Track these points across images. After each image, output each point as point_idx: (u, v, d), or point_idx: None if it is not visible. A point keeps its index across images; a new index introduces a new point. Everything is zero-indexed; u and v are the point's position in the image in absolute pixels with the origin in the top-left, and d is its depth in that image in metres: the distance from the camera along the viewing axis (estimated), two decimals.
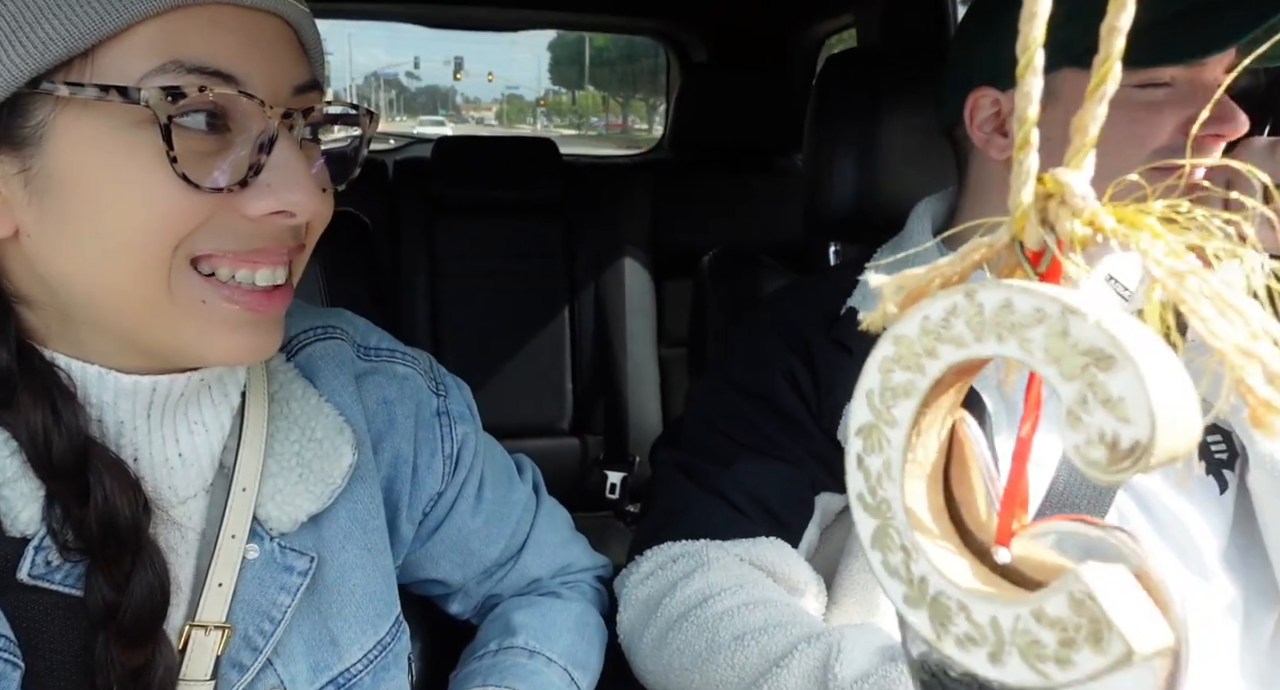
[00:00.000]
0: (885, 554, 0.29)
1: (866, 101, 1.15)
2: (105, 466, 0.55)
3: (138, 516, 0.56)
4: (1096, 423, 0.22)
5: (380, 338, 0.78)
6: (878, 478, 0.29)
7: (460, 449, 0.79)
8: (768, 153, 2.36)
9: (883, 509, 0.29)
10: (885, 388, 0.28)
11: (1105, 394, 0.22)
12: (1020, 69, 0.25)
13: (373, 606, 0.70)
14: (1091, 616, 0.24)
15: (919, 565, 0.28)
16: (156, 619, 0.56)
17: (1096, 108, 0.25)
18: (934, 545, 0.28)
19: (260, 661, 0.62)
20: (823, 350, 0.90)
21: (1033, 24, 0.25)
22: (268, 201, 0.53)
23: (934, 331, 0.26)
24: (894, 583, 0.29)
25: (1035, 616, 0.25)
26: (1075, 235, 0.25)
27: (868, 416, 0.29)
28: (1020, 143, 0.26)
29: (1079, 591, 0.24)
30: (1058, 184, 0.25)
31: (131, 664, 0.56)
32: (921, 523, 0.29)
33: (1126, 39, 0.24)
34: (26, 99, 0.50)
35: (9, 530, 0.54)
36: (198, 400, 0.61)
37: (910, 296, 0.29)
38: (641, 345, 2.24)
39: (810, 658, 0.71)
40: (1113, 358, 0.22)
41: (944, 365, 0.26)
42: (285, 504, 0.64)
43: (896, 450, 0.28)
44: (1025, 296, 0.24)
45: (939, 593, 0.27)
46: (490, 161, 2.27)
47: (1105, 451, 0.22)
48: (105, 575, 0.55)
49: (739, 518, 0.86)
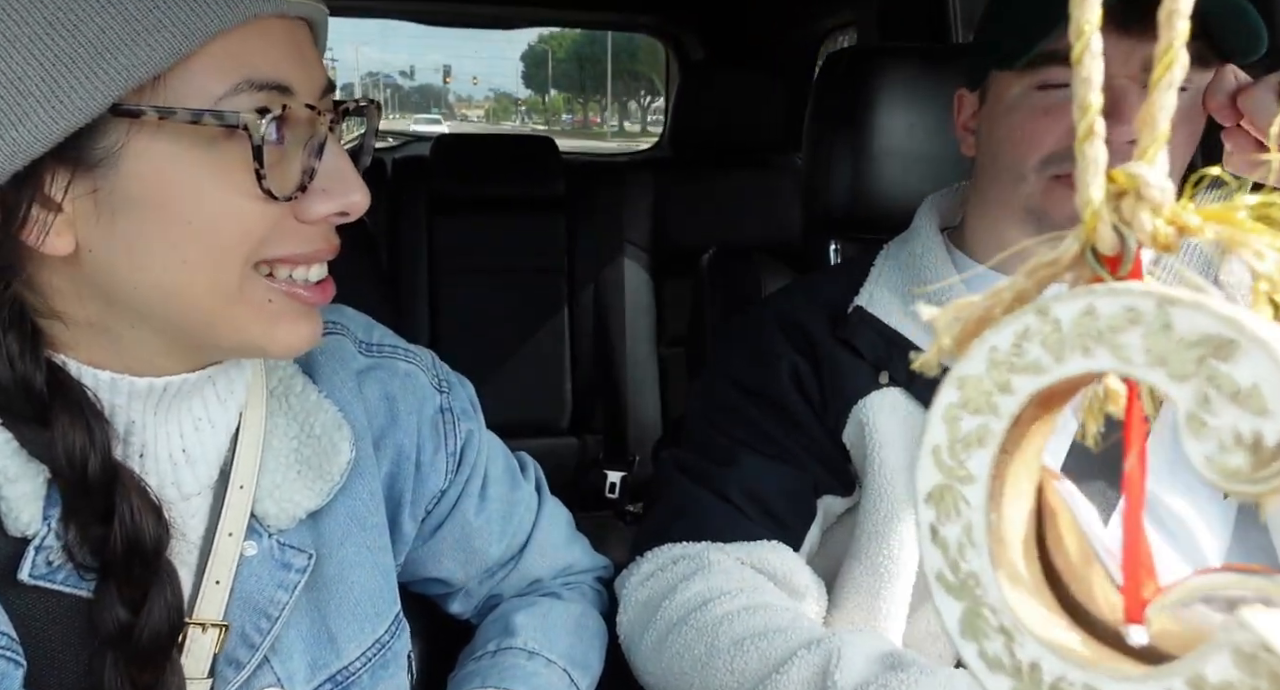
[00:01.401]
0: (980, 642, 0.24)
1: (866, 99, 1.15)
2: (132, 487, 0.56)
3: (160, 537, 0.57)
4: (1228, 423, 0.19)
5: (382, 334, 0.78)
6: (959, 548, 0.24)
7: (464, 446, 0.79)
8: (767, 151, 2.36)
9: (969, 586, 0.24)
10: (954, 440, 0.23)
11: (1233, 386, 0.19)
12: (1076, 53, 0.23)
13: (372, 604, 0.69)
14: (1271, 672, 0.19)
15: (1026, 649, 0.23)
16: (171, 640, 0.57)
17: (1164, 98, 0.22)
18: (1042, 621, 0.23)
19: (257, 659, 0.62)
20: (828, 349, 0.89)
21: (1085, 6, 0.22)
22: (328, 205, 0.56)
23: (1005, 362, 0.22)
24: (997, 678, 0.23)
25: (1193, 686, 0.20)
26: (1159, 233, 0.22)
27: (938, 477, 0.24)
28: (1084, 133, 0.23)
29: (1248, 642, 0.19)
30: (1131, 178, 0.22)
31: (143, 684, 0.56)
32: (1022, 596, 0.24)
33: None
34: (102, 121, 0.50)
35: (10, 530, 0.54)
36: (202, 396, 0.61)
37: (968, 329, 0.24)
38: (641, 344, 2.24)
39: (810, 664, 0.71)
40: (1234, 342, 0.19)
41: (1022, 399, 0.22)
42: (283, 501, 0.64)
43: (978, 512, 0.24)
44: (1110, 298, 0.21)
45: (1058, 679, 0.22)
46: (490, 160, 2.27)
47: (1246, 455, 0.19)
48: (121, 594, 0.55)
49: (740, 519, 0.85)
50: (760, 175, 2.33)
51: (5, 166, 0.49)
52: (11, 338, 0.54)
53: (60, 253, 0.53)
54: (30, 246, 0.52)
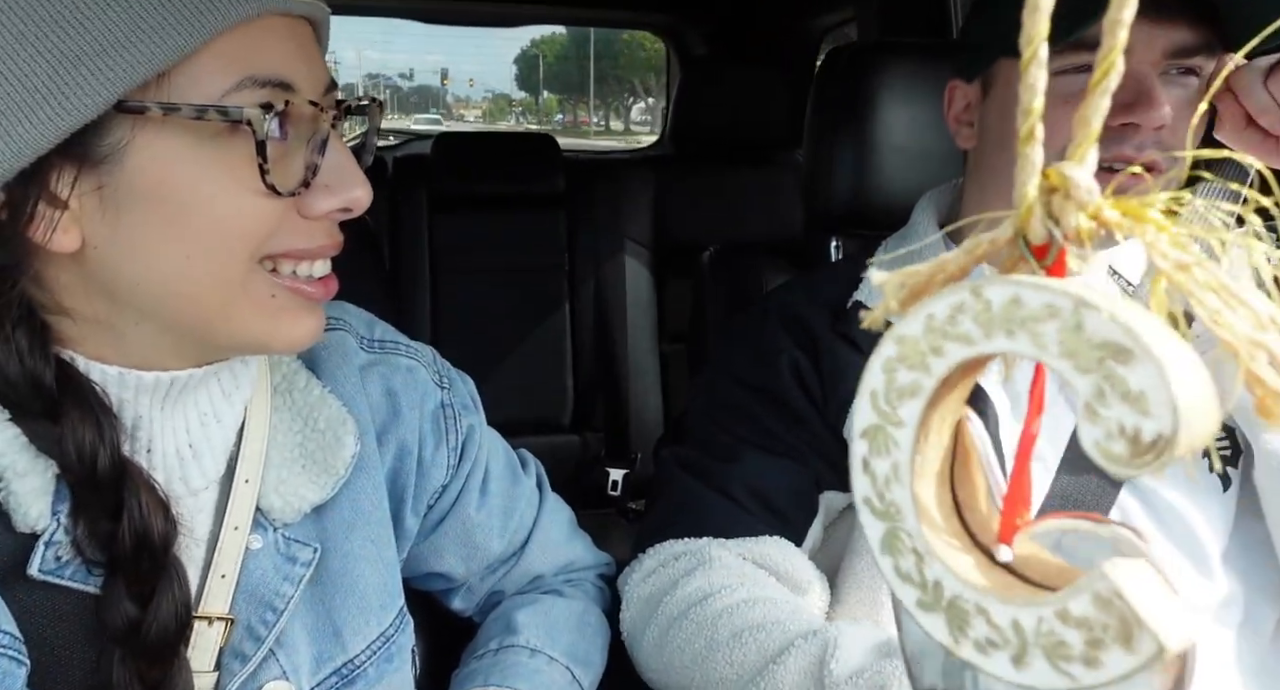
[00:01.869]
0: (896, 559, 0.28)
1: (867, 95, 1.15)
2: (141, 483, 0.56)
3: (169, 533, 0.57)
4: (1116, 416, 0.22)
5: (384, 330, 0.78)
6: (885, 481, 0.28)
7: (465, 441, 0.79)
8: (768, 147, 2.36)
9: (891, 513, 0.28)
10: (890, 388, 0.27)
11: (1124, 388, 0.22)
12: (1024, 61, 0.25)
13: (376, 597, 0.70)
14: (1120, 615, 0.23)
15: (932, 569, 0.27)
16: (179, 636, 0.57)
17: (1099, 101, 0.24)
18: (948, 548, 0.27)
19: (263, 652, 0.62)
20: (828, 345, 0.90)
21: (1035, 16, 0.25)
22: (330, 201, 0.57)
23: (940, 330, 0.25)
24: (907, 588, 0.28)
25: (1060, 617, 0.24)
26: (1081, 229, 0.24)
27: (873, 418, 0.28)
28: (1025, 136, 0.25)
29: (1105, 589, 0.23)
30: (1062, 178, 0.25)
31: (151, 681, 0.56)
32: (933, 525, 0.28)
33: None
34: (106, 118, 0.51)
35: (18, 526, 0.55)
36: (207, 391, 0.62)
37: (913, 293, 0.28)
38: (642, 341, 2.24)
39: (807, 654, 0.71)
40: (1130, 351, 0.22)
41: (951, 364, 0.26)
42: (289, 494, 0.64)
43: (904, 452, 0.27)
44: (1036, 291, 0.23)
45: (956, 596, 0.26)
46: (490, 157, 2.27)
47: (1126, 445, 0.22)
48: (129, 590, 0.55)
49: (742, 515, 0.86)
50: (761, 172, 2.33)
51: (12, 163, 0.50)
52: (20, 334, 0.54)
53: (66, 249, 0.53)
54: (37, 243, 0.52)
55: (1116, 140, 0.74)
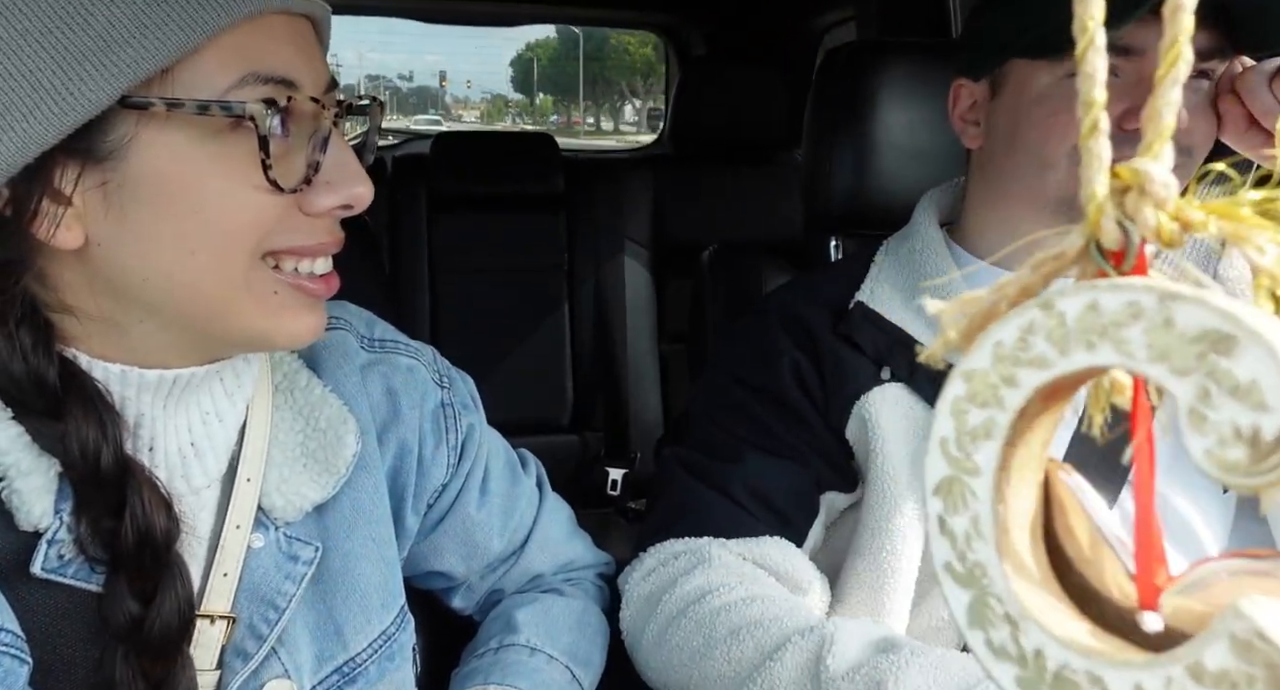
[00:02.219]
0: (987, 631, 0.24)
1: (866, 95, 1.15)
2: (143, 481, 0.57)
3: (171, 531, 0.57)
4: (1227, 417, 0.19)
5: (384, 329, 0.79)
6: (966, 539, 0.24)
7: (465, 440, 0.79)
8: (768, 147, 2.36)
9: (976, 575, 0.24)
10: (961, 432, 0.24)
11: (1232, 381, 0.19)
12: (1080, 49, 0.23)
13: (378, 596, 0.70)
14: (1267, 660, 0.19)
15: (1030, 637, 0.23)
16: (182, 633, 0.57)
17: (1169, 93, 0.22)
18: (1047, 610, 0.24)
19: (265, 650, 0.63)
20: (829, 345, 0.90)
21: (1087, 4, 0.23)
22: (331, 197, 0.57)
23: (1010, 357, 0.22)
24: (1003, 665, 0.24)
25: (1193, 674, 0.20)
26: (1163, 228, 0.22)
27: (945, 470, 0.24)
28: (1088, 129, 0.23)
29: (1244, 631, 0.20)
30: (1135, 174, 0.22)
31: (154, 678, 0.56)
32: (1029, 583, 0.24)
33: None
34: (110, 114, 0.51)
35: (21, 524, 0.55)
36: (209, 390, 0.62)
37: (975, 323, 0.25)
38: (642, 341, 2.24)
39: (803, 650, 0.71)
40: (1234, 337, 0.19)
41: (1027, 393, 0.23)
42: (290, 493, 0.64)
43: (984, 503, 0.24)
44: (1113, 294, 0.21)
45: (1062, 667, 0.23)
46: (490, 157, 2.27)
47: (1245, 449, 0.19)
48: (131, 587, 0.56)
49: (742, 515, 0.86)
50: (761, 171, 2.33)
51: (15, 159, 0.50)
52: (24, 332, 0.54)
53: (70, 246, 0.53)
54: (40, 240, 0.53)
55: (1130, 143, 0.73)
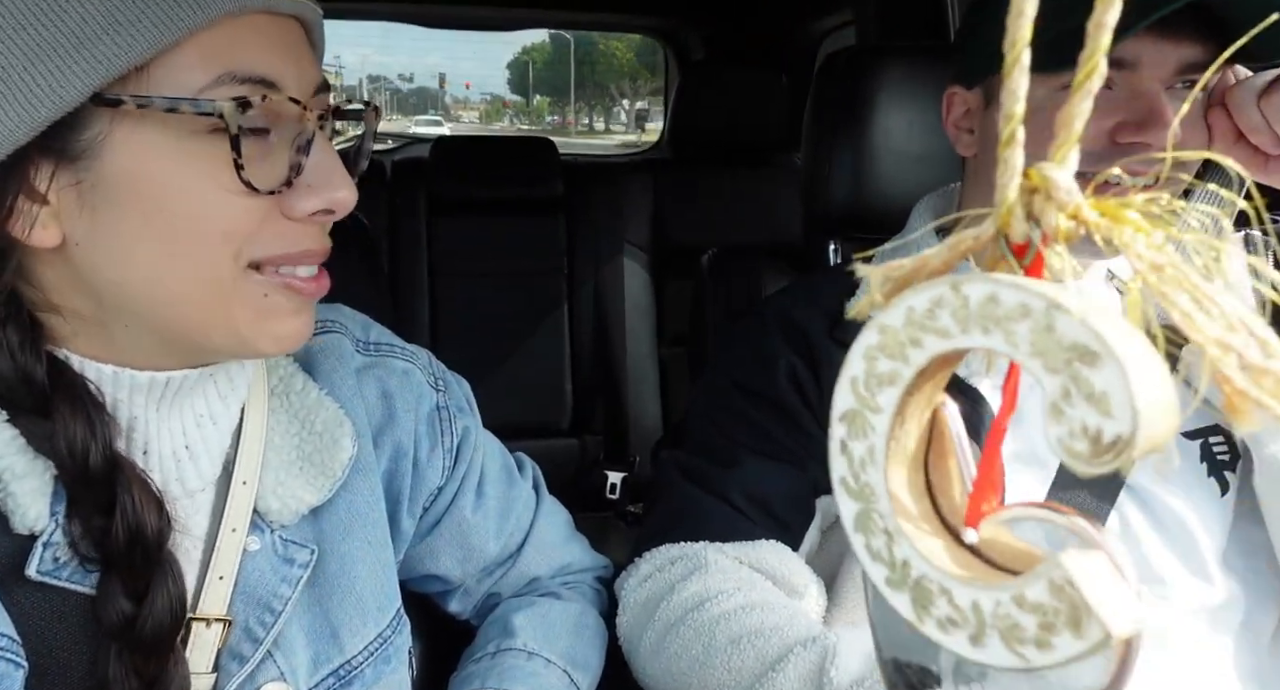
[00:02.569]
0: (868, 537, 0.29)
1: (865, 98, 1.15)
2: (133, 479, 0.56)
3: (162, 528, 0.57)
4: (1079, 416, 0.23)
5: (379, 333, 0.79)
6: (861, 463, 0.29)
7: (460, 443, 0.79)
8: (767, 151, 2.36)
9: (866, 493, 0.29)
10: (870, 375, 0.28)
11: (1089, 389, 0.23)
12: (1007, 66, 0.26)
13: (374, 599, 0.70)
14: (1071, 602, 0.24)
15: (901, 549, 0.28)
16: (174, 631, 0.57)
17: (1080, 104, 0.25)
18: (916, 530, 0.29)
19: (260, 653, 0.63)
20: (825, 349, 0.90)
21: (1019, 21, 0.25)
22: (312, 201, 0.56)
23: (919, 322, 0.26)
24: (877, 566, 0.29)
25: (1016, 601, 0.25)
26: (1059, 229, 0.25)
27: (852, 403, 0.29)
28: (1006, 139, 0.26)
29: (1059, 577, 0.24)
30: (1043, 178, 0.25)
31: (147, 676, 0.56)
32: (904, 507, 0.29)
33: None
34: (83, 112, 0.51)
35: (16, 527, 0.55)
36: (204, 392, 0.62)
37: (897, 286, 0.29)
38: (641, 344, 2.24)
39: (806, 662, 0.71)
40: (1096, 354, 0.22)
41: (928, 355, 0.26)
42: (286, 496, 0.65)
43: (880, 437, 0.28)
44: (1012, 291, 0.24)
45: (921, 576, 0.28)
46: (489, 161, 2.28)
47: (1087, 444, 0.23)
48: (124, 586, 0.56)
49: (739, 519, 0.86)
50: (760, 175, 2.33)
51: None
52: (10, 330, 0.55)
53: (46, 245, 0.53)
54: (16, 238, 0.53)
55: (1124, 156, 0.74)
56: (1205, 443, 0.83)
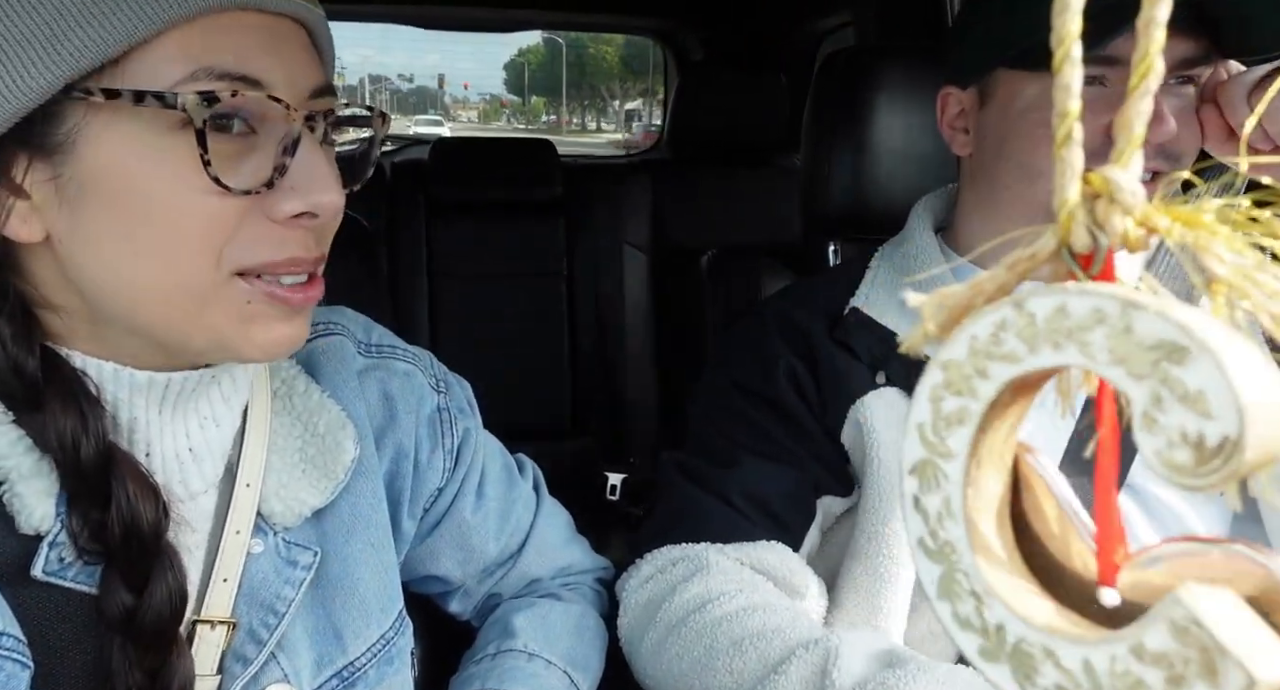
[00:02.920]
0: (954, 603, 0.26)
1: (864, 100, 1.15)
2: (128, 471, 0.56)
3: (159, 520, 0.56)
4: (1176, 422, 0.20)
5: (381, 334, 0.79)
6: (938, 518, 0.26)
7: (461, 445, 0.79)
8: (766, 152, 2.36)
9: (947, 552, 0.26)
10: (937, 418, 0.25)
11: (1182, 389, 0.20)
12: (1057, 61, 0.24)
13: (376, 600, 0.70)
14: (1200, 645, 0.21)
15: (993, 612, 0.25)
16: (175, 622, 0.57)
17: (1140, 104, 0.23)
18: (1010, 587, 0.26)
19: (264, 655, 0.63)
20: (825, 350, 0.90)
21: (1066, 15, 0.24)
22: (294, 203, 0.54)
23: (983, 350, 0.24)
24: (967, 636, 0.26)
25: (1135, 653, 0.22)
26: (1129, 235, 0.23)
27: (920, 452, 0.26)
28: (1062, 138, 0.24)
29: (1181, 617, 0.21)
30: (1105, 182, 0.24)
31: (149, 668, 0.56)
32: (993, 562, 0.26)
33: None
34: (58, 105, 0.50)
35: (23, 527, 0.55)
36: (207, 395, 0.62)
37: (953, 315, 0.26)
38: (640, 345, 2.24)
39: (808, 664, 0.71)
40: (1186, 349, 0.20)
41: (998, 385, 0.24)
42: (289, 499, 0.64)
43: (955, 485, 0.26)
44: (1080, 298, 0.22)
45: (1019, 640, 0.25)
46: (488, 162, 2.27)
47: (1190, 452, 0.20)
48: (124, 578, 0.55)
49: (740, 520, 0.86)
50: (759, 176, 2.33)
51: None
52: (3, 323, 0.54)
53: (30, 240, 0.53)
54: (1, 233, 0.52)
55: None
56: None
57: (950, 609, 0.26)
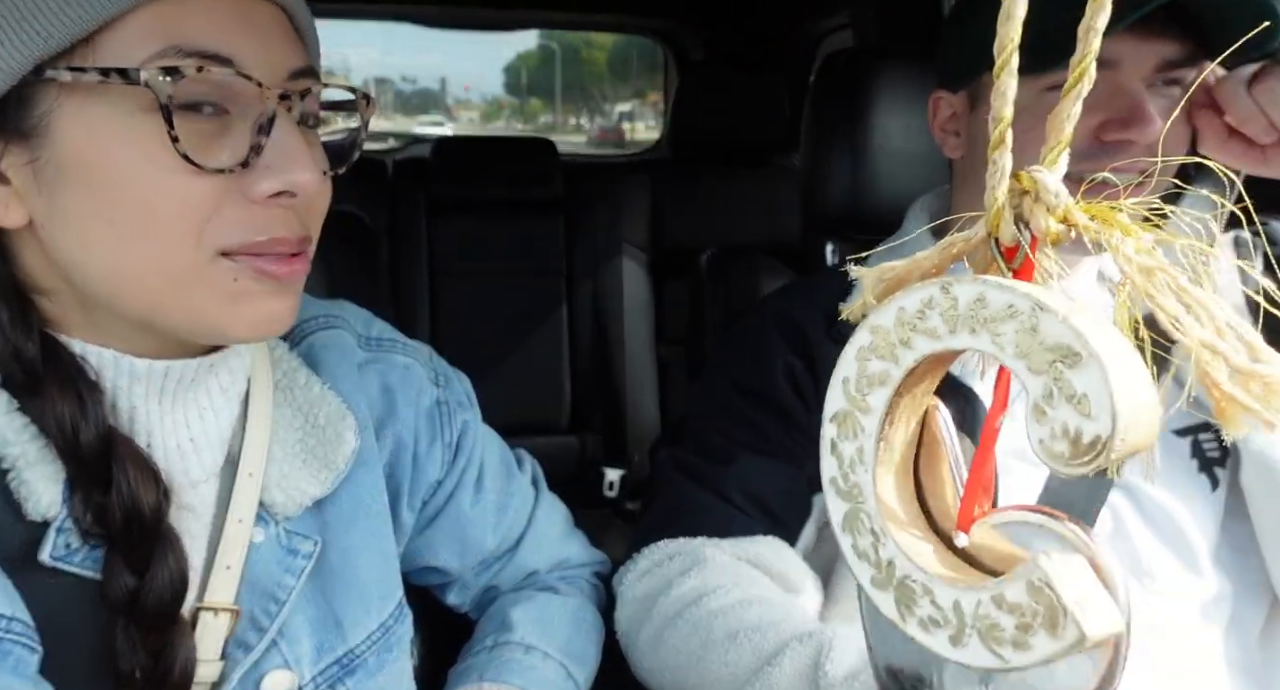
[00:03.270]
0: (855, 537, 0.29)
1: (863, 100, 1.16)
2: (128, 455, 0.57)
3: (159, 504, 0.57)
4: (1061, 417, 0.23)
5: (381, 328, 0.79)
6: (850, 463, 0.30)
7: (460, 437, 0.80)
8: (765, 152, 2.37)
9: (854, 494, 0.29)
10: (861, 376, 0.28)
11: (1070, 390, 0.23)
12: (996, 69, 0.26)
13: (376, 589, 0.71)
14: (1048, 603, 0.24)
15: (887, 549, 0.28)
16: (176, 603, 0.58)
17: (1071, 107, 0.25)
18: (902, 530, 0.29)
19: (265, 642, 0.63)
20: (823, 349, 0.91)
21: (1009, 25, 0.26)
22: (270, 182, 0.54)
23: (909, 323, 0.26)
24: (862, 565, 0.29)
25: (995, 601, 0.25)
26: (1049, 231, 0.25)
27: (843, 403, 0.29)
28: (995, 142, 0.26)
29: (1038, 579, 0.25)
30: (1032, 181, 0.26)
31: (152, 648, 0.57)
32: (891, 508, 0.29)
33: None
34: (31, 88, 0.51)
35: (30, 513, 0.55)
36: (206, 385, 0.62)
37: (889, 288, 0.29)
38: (639, 343, 2.24)
39: (801, 656, 0.71)
40: (1079, 355, 0.22)
41: (918, 356, 0.27)
42: (290, 489, 0.65)
43: (870, 437, 0.29)
44: (999, 292, 0.24)
45: (905, 576, 0.28)
46: (489, 161, 2.28)
47: (1068, 445, 0.23)
48: (126, 561, 0.56)
49: (737, 516, 0.86)
50: (758, 175, 2.34)
51: None
52: (1, 307, 0.55)
53: (13, 225, 0.53)
54: None
55: (1109, 154, 0.74)
56: (1195, 440, 0.84)
57: (851, 542, 0.30)
